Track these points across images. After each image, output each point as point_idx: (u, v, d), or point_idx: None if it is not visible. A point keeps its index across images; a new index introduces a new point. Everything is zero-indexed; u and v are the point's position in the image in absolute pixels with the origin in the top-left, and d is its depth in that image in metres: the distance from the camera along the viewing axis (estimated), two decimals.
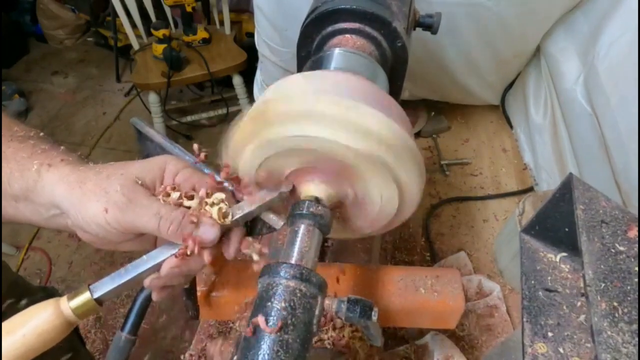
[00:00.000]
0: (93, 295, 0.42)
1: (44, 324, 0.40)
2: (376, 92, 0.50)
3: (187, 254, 0.44)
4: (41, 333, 0.39)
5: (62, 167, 0.44)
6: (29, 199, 0.44)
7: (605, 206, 0.54)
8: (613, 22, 1.22)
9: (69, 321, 0.41)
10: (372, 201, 0.52)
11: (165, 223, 0.42)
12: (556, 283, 0.56)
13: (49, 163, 0.44)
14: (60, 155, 0.45)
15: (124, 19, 1.88)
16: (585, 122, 1.31)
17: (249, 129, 0.48)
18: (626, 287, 0.47)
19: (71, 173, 0.43)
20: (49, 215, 0.45)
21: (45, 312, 0.40)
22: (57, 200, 0.43)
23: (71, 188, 0.42)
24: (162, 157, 0.47)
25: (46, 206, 0.44)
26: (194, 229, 0.43)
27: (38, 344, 0.39)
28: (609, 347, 0.42)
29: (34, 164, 0.43)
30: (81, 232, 0.44)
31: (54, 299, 0.42)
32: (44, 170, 0.43)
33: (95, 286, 0.42)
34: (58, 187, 0.43)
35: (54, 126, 2.33)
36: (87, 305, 0.42)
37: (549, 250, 0.60)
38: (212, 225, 0.44)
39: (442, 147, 1.97)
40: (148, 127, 0.55)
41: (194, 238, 0.43)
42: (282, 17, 1.41)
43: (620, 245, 0.50)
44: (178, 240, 0.43)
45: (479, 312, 1.33)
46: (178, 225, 0.42)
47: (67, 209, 0.43)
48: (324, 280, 0.44)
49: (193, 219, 0.43)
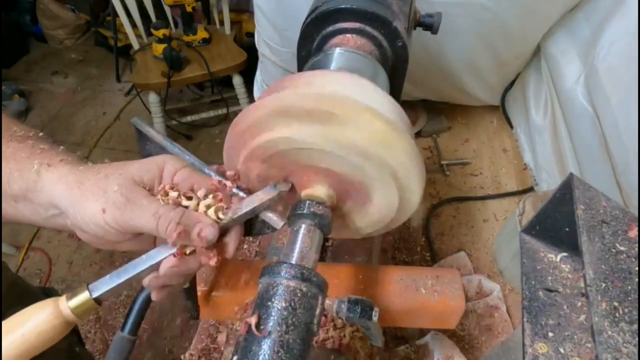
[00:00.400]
0: (92, 295, 0.42)
1: (42, 324, 0.40)
2: (377, 92, 0.50)
3: (185, 253, 0.44)
4: (40, 332, 0.39)
5: (61, 167, 0.44)
6: (28, 199, 0.44)
7: (606, 206, 0.54)
8: (613, 23, 1.22)
9: (67, 321, 0.41)
10: (372, 202, 0.52)
11: (163, 222, 0.42)
12: (556, 283, 0.56)
13: (48, 163, 0.44)
14: (59, 156, 0.45)
15: (124, 19, 1.88)
16: (586, 122, 1.31)
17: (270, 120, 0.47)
18: (627, 287, 0.47)
19: (70, 173, 0.43)
20: (48, 215, 0.45)
21: (44, 312, 0.40)
22: (56, 200, 0.43)
23: (70, 188, 0.42)
24: (161, 157, 0.47)
25: (45, 206, 0.44)
26: (191, 229, 0.43)
27: (37, 343, 0.39)
28: (610, 347, 0.42)
29: (34, 164, 0.43)
30: (80, 232, 0.44)
31: (53, 299, 0.42)
32: (43, 170, 0.43)
33: (94, 286, 0.42)
34: (57, 187, 0.43)
35: (54, 126, 2.33)
36: (86, 305, 0.42)
37: (549, 250, 0.60)
38: (210, 224, 0.44)
39: (442, 147, 1.96)
40: (148, 127, 0.55)
41: (193, 237, 0.43)
42: (282, 17, 1.41)
43: (620, 245, 0.50)
44: (176, 239, 0.43)
45: (479, 312, 1.33)
46: (176, 224, 0.42)
47: (65, 208, 0.43)
48: (325, 280, 0.44)
49: (191, 218, 0.43)
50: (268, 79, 1.72)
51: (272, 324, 0.39)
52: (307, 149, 0.47)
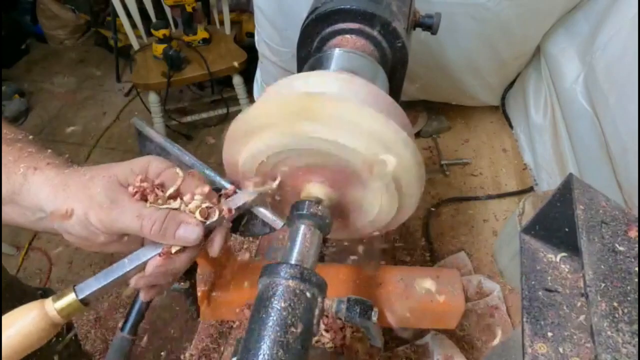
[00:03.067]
0: (78, 296, 0.42)
1: (29, 326, 0.40)
2: (376, 92, 0.50)
3: (171, 252, 0.44)
4: (26, 334, 0.40)
5: (47, 170, 0.44)
6: (15, 202, 0.44)
7: (606, 206, 0.54)
8: (612, 22, 1.22)
9: (54, 322, 0.41)
10: (372, 202, 0.52)
11: (147, 223, 0.42)
12: (556, 283, 0.56)
13: (35, 166, 0.44)
14: (46, 159, 0.45)
15: (124, 19, 1.88)
16: (586, 122, 1.31)
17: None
18: (626, 288, 0.47)
19: (56, 176, 0.44)
20: (36, 218, 0.45)
21: (30, 314, 0.41)
22: (42, 204, 0.43)
23: (55, 191, 0.43)
24: (146, 158, 0.47)
25: (32, 209, 0.44)
26: (176, 229, 0.43)
27: (24, 345, 0.40)
28: (609, 348, 0.42)
29: (20, 167, 0.44)
30: (67, 235, 0.45)
31: (40, 301, 0.42)
32: (30, 174, 0.44)
33: (80, 287, 0.43)
34: (43, 190, 0.43)
35: (54, 126, 2.33)
36: (73, 307, 0.42)
37: (549, 250, 0.60)
38: (195, 224, 0.44)
39: (442, 147, 1.96)
40: (148, 127, 0.55)
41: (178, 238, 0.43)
42: (282, 17, 1.41)
43: (620, 246, 0.50)
44: (161, 240, 0.43)
45: (479, 312, 1.33)
46: (160, 225, 0.42)
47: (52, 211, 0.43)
48: (324, 280, 0.44)
49: (176, 218, 0.43)
50: (268, 79, 1.72)
51: (271, 324, 0.39)
52: (286, 151, 0.47)
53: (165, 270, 0.44)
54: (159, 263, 0.44)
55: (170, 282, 0.49)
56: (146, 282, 0.46)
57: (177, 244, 0.44)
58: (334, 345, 0.73)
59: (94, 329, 1.43)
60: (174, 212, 0.44)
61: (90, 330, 1.43)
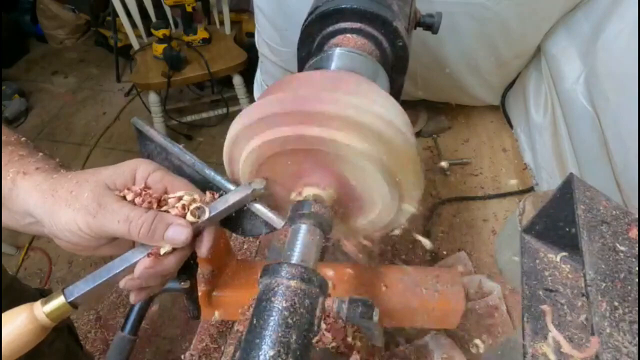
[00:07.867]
0: (67, 299, 0.42)
1: (17, 329, 0.40)
2: (377, 92, 0.50)
3: (160, 254, 0.44)
4: (15, 338, 0.40)
5: (36, 175, 0.44)
6: (5, 207, 0.44)
7: (606, 206, 0.54)
8: (613, 22, 1.22)
9: (43, 325, 0.41)
10: (372, 202, 0.52)
11: (135, 226, 0.42)
12: (556, 283, 0.56)
13: (24, 171, 0.44)
14: (36, 163, 0.45)
15: (124, 19, 1.88)
16: (586, 122, 1.31)
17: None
18: (627, 287, 0.47)
19: (44, 181, 0.43)
20: (26, 223, 0.45)
21: (19, 317, 0.40)
22: (30, 209, 0.43)
23: (44, 196, 0.43)
24: (133, 161, 0.47)
25: (21, 214, 0.44)
26: (165, 231, 0.43)
27: (13, 348, 0.40)
28: (610, 347, 0.42)
29: (10, 172, 0.44)
30: (57, 240, 0.45)
31: (29, 304, 0.42)
32: (19, 179, 0.44)
33: (69, 290, 0.43)
34: (31, 195, 0.43)
35: (54, 126, 2.33)
36: (62, 309, 0.42)
37: (549, 250, 0.60)
38: (183, 226, 0.44)
39: (442, 147, 1.96)
40: (148, 127, 0.55)
41: (166, 239, 0.43)
42: (282, 17, 1.40)
43: (620, 245, 0.50)
44: (149, 242, 0.43)
45: (479, 312, 1.33)
46: (149, 227, 0.42)
47: (41, 217, 0.43)
48: (325, 280, 0.44)
49: (164, 220, 0.43)
50: (268, 79, 1.72)
51: (272, 324, 0.39)
52: (285, 151, 0.47)
53: (154, 271, 0.44)
54: (147, 264, 0.43)
55: (161, 284, 0.48)
56: (136, 284, 0.45)
57: (166, 245, 0.44)
58: (335, 345, 0.73)
59: (94, 329, 1.43)
60: (162, 214, 0.44)
61: (90, 330, 1.43)
